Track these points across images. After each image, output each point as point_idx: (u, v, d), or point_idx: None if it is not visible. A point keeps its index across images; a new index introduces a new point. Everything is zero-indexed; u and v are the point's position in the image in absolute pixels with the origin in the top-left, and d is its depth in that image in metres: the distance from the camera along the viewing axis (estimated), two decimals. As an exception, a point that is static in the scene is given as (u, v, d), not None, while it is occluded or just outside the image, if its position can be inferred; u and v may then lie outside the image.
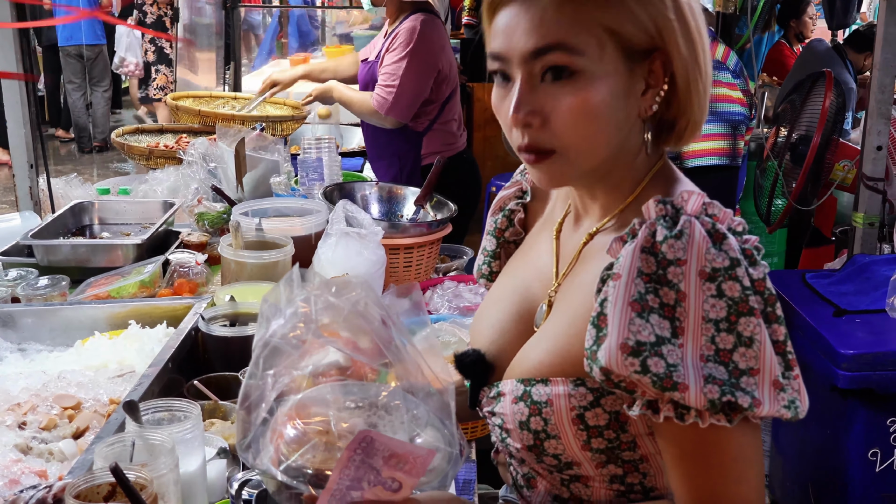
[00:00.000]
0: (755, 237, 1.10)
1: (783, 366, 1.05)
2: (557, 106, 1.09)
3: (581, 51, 1.07)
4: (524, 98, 1.10)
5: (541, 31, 1.08)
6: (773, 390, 1.02)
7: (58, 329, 2.21)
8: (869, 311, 3.01)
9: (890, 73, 3.36)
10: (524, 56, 1.09)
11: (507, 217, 1.42)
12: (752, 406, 1.00)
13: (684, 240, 1.03)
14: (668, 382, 1.00)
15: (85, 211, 3.09)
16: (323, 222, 2.55)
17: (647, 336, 1.02)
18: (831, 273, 3.34)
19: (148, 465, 1.32)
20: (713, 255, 1.02)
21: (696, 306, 1.02)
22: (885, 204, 3.50)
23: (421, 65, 3.58)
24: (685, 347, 1.02)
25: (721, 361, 1.01)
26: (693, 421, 1.02)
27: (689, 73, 1.12)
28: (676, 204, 1.08)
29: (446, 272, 2.83)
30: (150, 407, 1.52)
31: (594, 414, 1.13)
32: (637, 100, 1.12)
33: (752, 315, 1.02)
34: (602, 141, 1.12)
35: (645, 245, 1.04)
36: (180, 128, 4.34)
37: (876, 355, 2.77)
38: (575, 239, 1.25)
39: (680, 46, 1.11)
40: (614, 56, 1.08)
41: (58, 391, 1.83)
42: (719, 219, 1.08)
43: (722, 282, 1.01)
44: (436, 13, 3.78)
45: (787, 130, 4.30)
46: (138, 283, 2.44)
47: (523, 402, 1.17)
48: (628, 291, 1.03)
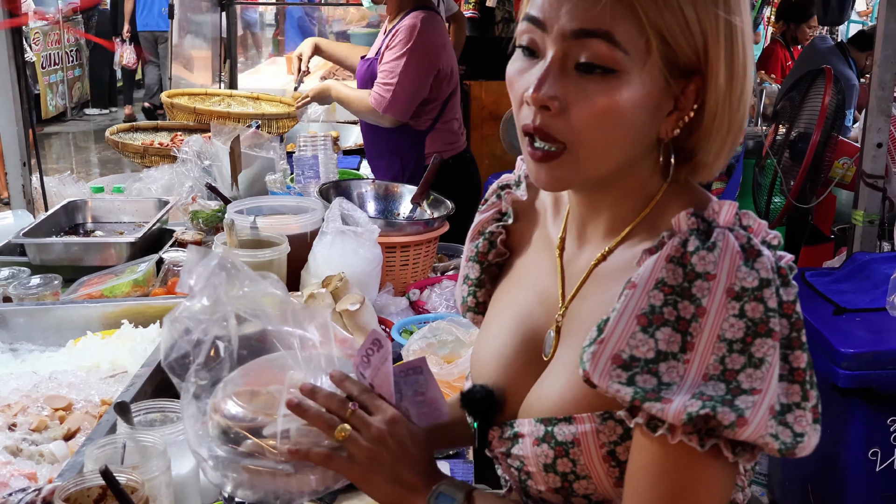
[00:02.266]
0: (790, 255, 1.04)
1: (801, 395, 1.00)
2: (582, 99, 1.00)
3: (626, 48, 0.98)
4: (551, 78, 1.01)
5: (591, 13, 0.98)
6: (766, 415, 0.96)
7: (50, 329, 2.19)
8: (869, 310, 2.99)
9: (890, 70, 3.35)
10: (564, 33, 1.00)
11: (488, 241, 1.31)
12: (733, 425, 0.94)
13: (717, 253, 0.97)
14: (652, 395, 0.97)
15: (78, 209, 3.07)
16: (319, 220, 2.53)
17: (644, 352, 0.98)
18: (831, 271, 3.32)
19: (139, 468, 1.31)
20: (744, 274, 0.97)
21: (714, 324, 0.96)
22: (884, 201, 3.48)
23: (420, 63, 3.55)
24: (690, 364, 0.97)
25: (724, 380, 0.96)
26: (662, 433, 0.97)
27: (720, 106, 1.04)
28: (708, 217, 1.02)
29: (444, 271, 2.81)
30: (142, 408, 1.51)
31: (625, 448, 1.05)
32: (662, 119, 1.05)
33: (769, 337, 0.96)
34: (616, 149, 1.04)
35: (674, 255, 0.99)
36: (175, 125, 4.33)
37: (876, 354, 2.75)
38: (582, 258, 1.17)
39: (720, 76, 1.02)
40: (656, 64, 1.00)
41: (49, 392, 1.81)
42: (754, 231, 1.02)
43: (746, 302, 0.96)
44: (436, 10, 3.75)
45: (786, 128, 4.28)
46: (132, 283, 2.42)
47: (546, 444, 1.09)
48: (639, 303, 0.98)
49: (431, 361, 1.99)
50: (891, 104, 3.37)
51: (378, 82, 3.57)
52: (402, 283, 2.61)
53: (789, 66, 6.86)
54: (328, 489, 1.20)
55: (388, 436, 1.12)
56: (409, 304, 2.53)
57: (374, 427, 1.12)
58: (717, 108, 1.04)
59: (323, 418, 1.13)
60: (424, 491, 1.13)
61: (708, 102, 1.04)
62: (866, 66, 5.62)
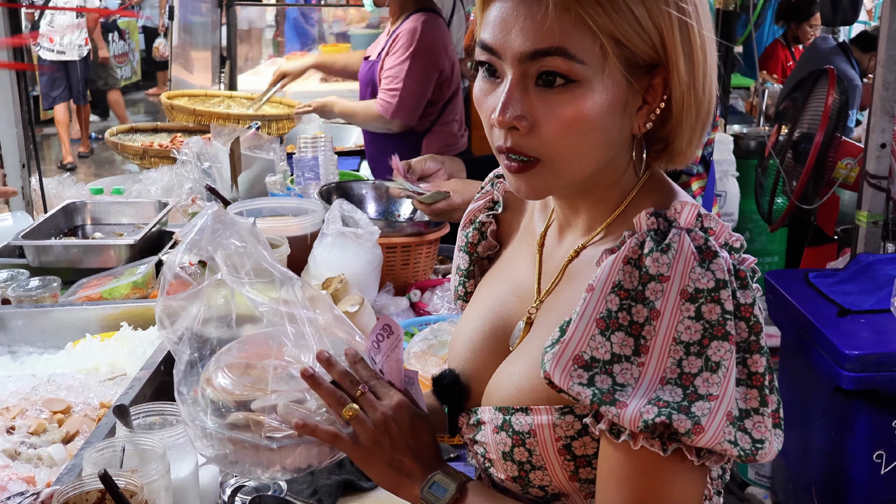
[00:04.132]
0: (753, 258, 1.05)
1: (758, 400, 0.99)
2: (549, 113, 1.02)
3: (582, 59, 0.99)
4: (513, 100, 1.02)
5: (541, 32, 0.99)
6: (723, 421, 0.96)
7: (49, 331, 2.18)
8: (873, 311, 2.97)
9: (894, 71, 3.33)
10: (519, 56, 1.01)
11: (478, 230, 1.32)
12: (689, 433, 0.94)
13: (671, 255, 0.98)
14: (607, 398, 0.97)
15: (77, 211, 3.05)
16: (319, 222, 2.51)
17: (602, 354, 0.98)
18: (835, 272, 3.30)
19: (138, 471, 1.30)
20: (698, 275, 0.97)
21: (668, 326, 0.97)
22: (888, 202, 3.47)
23: (423, 66, 3.55)
24: (645, 367, 0.97)
25: (681, 384, 0.96)
26: (625, 439, 0.98)
27: (685, 95, 1.05)
28: (669, 216, 1.03)
29: (445, 273, 2.79)
30: (141, 411, 1.49)
31: (582, 443, 1.06)
32: (632, 116, 1.06)
33: (725, 340, 0.96)
34: (591, 155, 1.05)
35: (631, 256, 0.99)
36: (175, 127, 4.32)
37: (881, 356, 2.73)
38: (559, 253, 1.18)
39: (680, 66, 1.03)
40: (616, 68, 1.01)
41: (47, 395, 1.80)
42: (715, 233, 1.03)
43: (703, 304, 0.96)
44: (438, 12, 3.74)
45: (788, 128, 4.27)
46: (131, 285, 2.40)
47: (505, 433, 1.11)
48: (598, 307, 0.99)
49: (431, 362, 1.99)
50: (895, 104, 3.35)
51: (383, 89, 3.55)
52: (402, 284, 2.60)
53: (790, 66, 6.85)
54: (311, 467, 1.22)
55: (393, 421, 1.14)
56: (410, 304, 2.51)
57: (380, 411, 1.14)
58: (682, 96, 1.05)
59: (335, 395, 1.15)
60: (421, 478, 1.14)
61: (673, 93, 1.05)
62: (869, 67, 5.61)
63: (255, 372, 1.23)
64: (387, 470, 1.15)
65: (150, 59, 12.57)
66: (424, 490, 1.13)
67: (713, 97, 1.10)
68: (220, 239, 1.27)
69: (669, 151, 1.10)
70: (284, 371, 1.23)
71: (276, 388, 1.19)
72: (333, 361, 1.18)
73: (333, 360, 1.18)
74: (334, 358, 1.18)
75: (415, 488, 1.14)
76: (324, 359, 1.18)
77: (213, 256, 1.27)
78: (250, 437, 1.18)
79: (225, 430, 1.19)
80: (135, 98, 12.44)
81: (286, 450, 1.19)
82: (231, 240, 1.28)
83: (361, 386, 1.16)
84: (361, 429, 1.14)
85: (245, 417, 1.20)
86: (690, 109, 1.06)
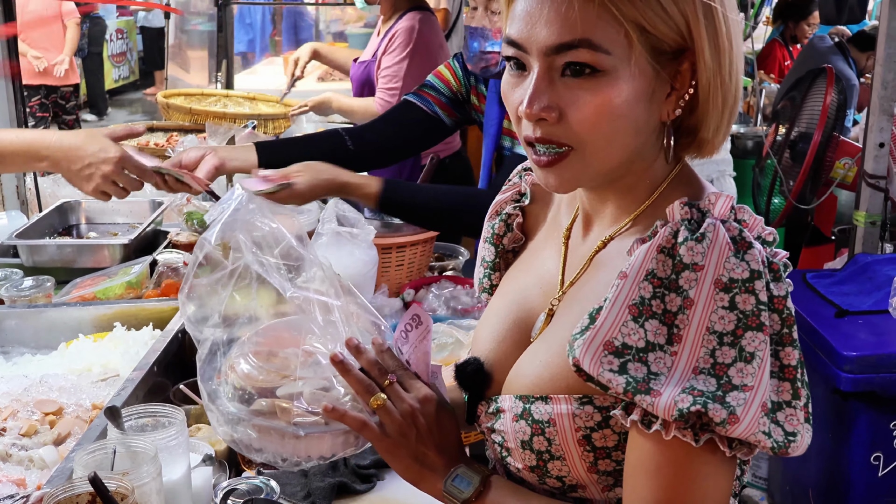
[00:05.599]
0: (784, 252, 1.04)
1: (791, 393, 0.99)
2: (576, 103, 1.02)
3: (608, 49, 0.99)
4: (540, 92, 1.03)
5: (566, 25, 1.00)
6: (758, 412, 0.96)
7: (42, 331, 2.16)
8: (871, 312, 2.96)
9: (892, 70, 3.32)
10: (545, 49, 1.01)
11: (504, 222, 1.32)
12: (724, 422, 0.94)
13: (705, 244, 0.97)
14: (642, 386, 0.96)
15: (72, 210, 3.03)
16: (314, 221, 2.50)
17: (635, 341, 0.98)
18: (832, 273, 3.29)
19: (130, 474, 1.28)
20: (733, 265, 0.96)
21: (702, 316, 0.96)
22: (886, 202, 3.46)
23: (422, 64, 3.53)
24: (678, 356, 0.97)
25: (715, 374, 0.96)
26: (656, 429, 0.97)
27: (711, 81, 1.04)
28: (703, 207, 1.02)
29: (441, 271, 2.78)
30: (133, 413, 1.47)
31: (602, 435, 1.06)
32: (661, 103, 1.05)
33: (759, 331, 0.96)
34: (620, 143, 1.05)
35: (664, 245, 0.99)
36: (170, 126, 4.30)
37: (879, 357, 2.72)
38: (586, 246, 1.17)
39: (706, 52, 1.03)
40: (642, 56, 1.01)
41: (39, 396, 1.79)
42: (748, 225, 1.02)
43: (737, 294, 0.96)
44: (430, 10, 3.73)
45: (786, 128, 4.26)
46: (125, 284, 2.39)
47: (524, 421, 1.10)
48: (630, 294, 0.98)
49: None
50: (893, 104, 3.35)
51: (381, 88, 3.54)
52: (397, 285, 2.59)
53: (787, 65, 6.85)
54: (334, 456, 1.22)
55: (419, 413, 1.15)
56: (404, 304, 2.50)
57: (407, 402, 1.15)
58: (709, 83, 1.04)
59: (363, 382, 1.15)
60: (444, 471, 1.14)
61: (700, 78, 1.04)
62: (866, 67, 5.60)
63: (279, 360, 1.23)
64: (411, 462, 1.15)
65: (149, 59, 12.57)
66: (448, 483, 1.13)
67: (740, 85, 1.09)
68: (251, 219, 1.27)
69: (698, 140, 1.09)
70: (310, 358, 1.23)
71: (302, 375, 1.19)
72: (363, 349, 1.17)
73: (363, 347, 1.17)
74: (364, 346, 1.18)
75: (437, 482, 1.14)
76: (353, 346, 1.17)
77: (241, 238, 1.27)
78: (277, 424, 1.18)
79: (251, 416, 1.19)
80: (132, 98, 12.42)
81: (312, 438, 1.19)
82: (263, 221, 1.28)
83: (390, 376, 1.16)
84: (388, 419, 1.14)
85: (271, 404, 1.19)
86: (717, 96, 1.05)
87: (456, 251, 3.02)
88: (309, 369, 1.22)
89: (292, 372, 1.20)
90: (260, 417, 1.19)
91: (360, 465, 1.68)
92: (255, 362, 1.22)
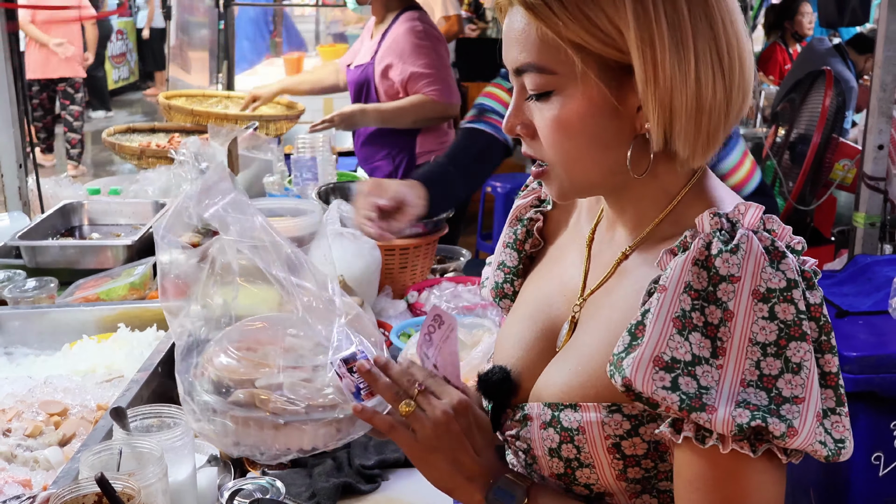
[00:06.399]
0: (813, 259, 1.04)
1: (835, 400, 0.99)
2: (540, 122, 1.07)
3: (552, 69, 1.03)
4: (516, 110, 1.10)
5: (517, 49, 1.06)
6: (814, 422, 0.95)
7: (45, 332, 2.17)
8: (871, 313, 2.96)
9: (891, 72, 3.33)
10: (512, 72, 1.09)
11: (525, 228, 1.32)
12: (784, 436, 0.94)
13: (740, 255, 0.96)
14: (696, 402, 0.95)
15: (74, 211, 3.04)
16: (317, 223, 2.50)
17: (683, 354, 0.96)
18: (832, 274, 3.30)
19: (136, 474, 1.28)
20: (769, 275, 0.96)
21: (743, 327, 0.95)
22: (886, 204, 3.47)
23: (444, 52, 3.62)
24: (724, 369, 0.96)
25: (763, 387, 0.95)
26: (713, 444, 0.96)
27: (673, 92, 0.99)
28: (732, 217, 1.01)
29: (443, 273, 2.79)
30: (139, 413, 1.48)
31: (631, 444, 1.06)
32: (632, 116, 1.03)
33: (803, 340, 0.95)
34: (589, 158, 1.06)
35: (698, 258, 0.98)
36: (172, 127, 4.30)
37: (879, 357, 2.72)
38: (609, 252, 1.17)
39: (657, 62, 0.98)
40: (594, 72, 1.01)
41: (44, 397, 1.79)
42: (778, 235, 1.01)
43: (776, 303, 0.95)
44: (422, 9, 3.73)
45: (785, 129, 4.27)
46: (128, 286, 2.40)
47: (553, 429, 1.10)
48: (672, 306, 0.97)
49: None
50: (892, 106, 3.36)
51: (425, 83, 3.52)
52: (401, 286, 2.59)
53: (787, 68, 6.86)
54: (315, 450, 1.19)
55: (454, 420, 1.12)
56: (408, 306, 2.50)
57: (439, 409, 1.12)
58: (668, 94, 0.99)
59: (392, 389, 1.14)
60: (482, 480, 1.12)
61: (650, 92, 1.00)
62: (865, 69, 5.61)
63: (259, 353, 1.22)
64: (446, 470, 1.12)
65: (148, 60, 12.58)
66: (490, 496, 1.11)
67: (732, 90, 1.03)
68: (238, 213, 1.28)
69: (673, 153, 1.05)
70: (291, 352, 1.22)
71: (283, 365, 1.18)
72: (391, 364, 1.17)
73: (391, 362, 1.17)
74: (392, 361, 1.17)
75: (476, 493, 1.11)
76: (382, 363, 1.16)
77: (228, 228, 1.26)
78: (256, 414, 1.15)
79: (228, 406, 1.17)
80: (132, 98, 12.42)
81: (292, 428, 1.16)
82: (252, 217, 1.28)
83: (419, 384, 1.14)
84: (420, 426, 1.12)
85: (249, 394, 1.17)
86: (681, 108, 1.00)
87: (457, 253, 3.03)
88: (290, 359, 1.20)
89: (272, 363, 1.19)
90: (238, 408, 1.17)
91: (364, 465, 1.69)
92: (234, 354, 1.21)
